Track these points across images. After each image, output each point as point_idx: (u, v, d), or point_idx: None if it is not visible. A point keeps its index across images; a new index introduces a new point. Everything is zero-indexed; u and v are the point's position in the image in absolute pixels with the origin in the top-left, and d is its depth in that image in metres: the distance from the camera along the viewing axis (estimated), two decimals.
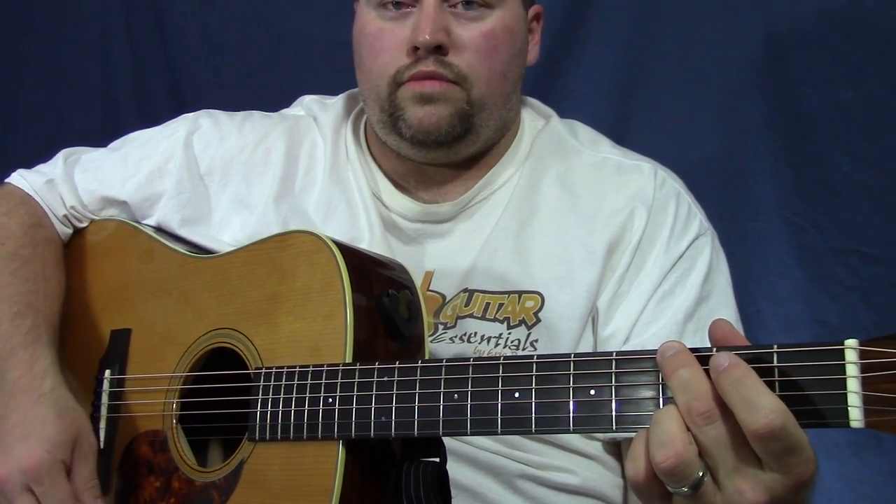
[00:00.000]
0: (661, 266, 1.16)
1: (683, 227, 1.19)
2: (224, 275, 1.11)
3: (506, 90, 1.21)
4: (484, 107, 1.19)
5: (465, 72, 1.17)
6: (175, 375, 1.11)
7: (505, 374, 0.88)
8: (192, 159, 1.30)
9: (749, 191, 2.02)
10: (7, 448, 1.05)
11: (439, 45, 1.15)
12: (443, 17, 1.15)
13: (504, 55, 1.19)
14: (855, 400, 0.74)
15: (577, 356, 0.86)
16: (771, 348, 0.78)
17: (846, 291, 1.93)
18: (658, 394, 0.82)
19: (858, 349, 0.74)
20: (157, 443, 1.10)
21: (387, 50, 1.18)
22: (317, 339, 0.99)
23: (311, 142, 1.32)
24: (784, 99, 1.97)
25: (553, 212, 1.21)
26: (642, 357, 0.84)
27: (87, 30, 2.43)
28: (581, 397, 0.85)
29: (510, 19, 1.19)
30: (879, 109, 1.88)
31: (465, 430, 0.90)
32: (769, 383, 0.76)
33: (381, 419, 0.92)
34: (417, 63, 1.16)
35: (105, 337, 1.19)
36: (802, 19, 1.94)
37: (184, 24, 2.37)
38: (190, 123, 1.35)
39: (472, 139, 1.21)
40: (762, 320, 2.00)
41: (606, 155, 1.27)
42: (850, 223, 1.92)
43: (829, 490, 1.92)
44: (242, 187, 1.28)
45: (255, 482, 0.99)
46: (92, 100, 2.44)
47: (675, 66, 2.06)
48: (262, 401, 1.00)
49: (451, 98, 1.17)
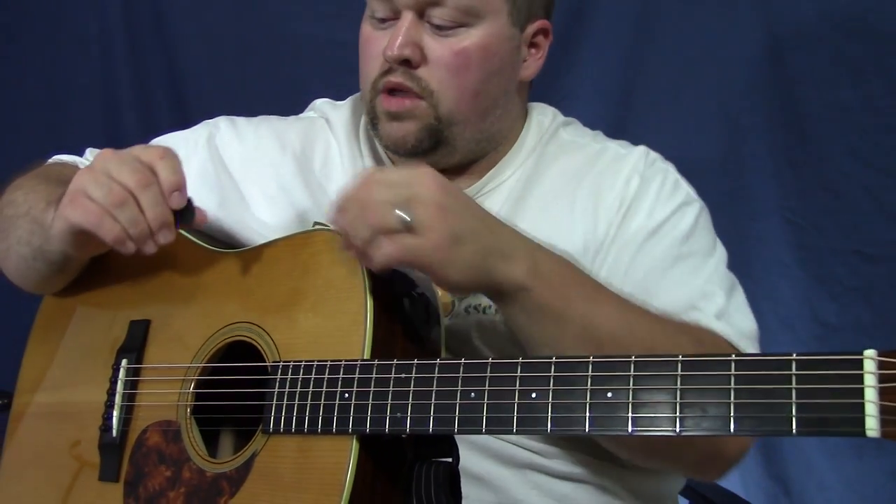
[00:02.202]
0: (645, 229, 1.18)
1: (668, 196, 1.21)
2: (245, 269, 1.12)
3: (480, 106, 1.22)
4: (454, 122, 1.20)
5: (433, 87, 1.18)
6: (191, 367, 1.11)
7: (523, 373, 0.88)
8: (216, 156, 1.32)
9: (749, 191, 2.02)
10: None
11: (407, 59, 1.17)
12: (415, 33, 1.17)
13: (476, 73, 1.19)
14: (872, 409, 0.74)
15: (595, 358, 0.87)
16: (790, 356, 0.78)
17: (846, 291, 1.94)
18: (675, 398, 0.82)
19: (877, 360, 0.74)
20: (169, 433, 1.10)
21: (371, 58, 1.21)
22: (336, 336, 0.99)
23: (325, 141, 1.33)
24: (784, 99, 1.98)
25: (554, 197, 1.23)
26: (661, 360, 0.84)
27: (87, 30, 2.43)
28: (598, 399, 0.84)
29: (489, 38, 1.19)
30: (879, 109, 1.89)
31: (479, 428, 0.89)
32: (786, 391, 0.77)
33: (397, 415, 0.92)
34: (388, 74, 1.19)
35: (124, 326, 1.20)
36: (802, 19, 1.94)
37: (184, 25, 2.37)
38: (211, 127, 1.37)
39: (447, 151, 1.22)
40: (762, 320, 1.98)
41: (605, 143, 1.29)
42: (850, 223, 1.93)
43: (829, 490, 1.93)
44: (264, 181, 1.30)
45: (267, 474, 1.00)
46: (92, 100, 2.44)
47: (675, 66, 2.06)
48: (279, 393, 1.00)
49: (418, 115, 1.19)
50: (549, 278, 1.00)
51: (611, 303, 1.03)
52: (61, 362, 1.25)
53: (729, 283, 1.17)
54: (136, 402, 1.15)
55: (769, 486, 2.01)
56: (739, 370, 0.80)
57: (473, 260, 0.97)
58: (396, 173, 1.01)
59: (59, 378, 1.25)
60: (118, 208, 1.02)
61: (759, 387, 0.79)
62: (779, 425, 0.78)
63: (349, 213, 0.98)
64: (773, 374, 0.77)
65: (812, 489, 1.97)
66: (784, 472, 2.00)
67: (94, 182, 1.03)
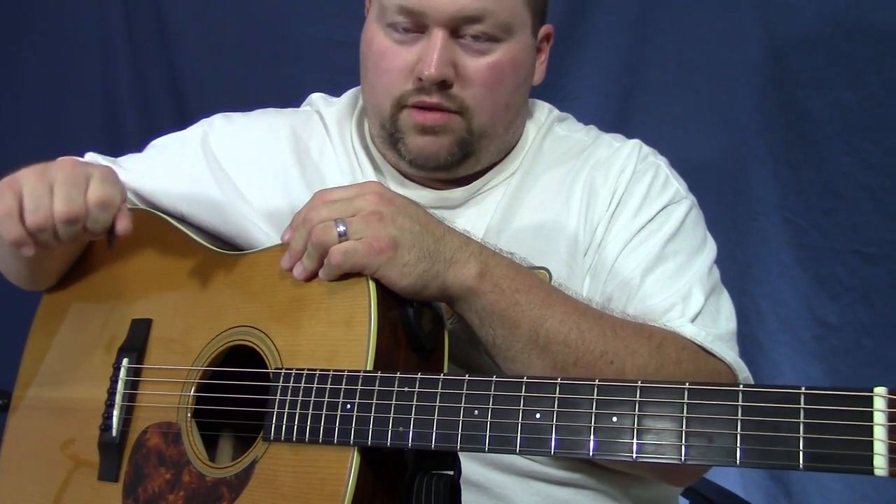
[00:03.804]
0: (630, 228, 1.17)
1: (657, 194, 1.21)
2: (249, 273, 1.12)
3: (508, 118, 1.22)
4: (484, 135, 1.20)
5: (469, 104, 1.17)
6: (193, 369, 1.11)
7: (527, 393, 0.88)
8: (210, 154, 1.32)
9: (749, 191, 2.02)
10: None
11: (444, 80, 1.16)
12: (450, 51, 1.15)
13: (509, 87, 1.19)
14: (881, 448, 0.73)
15: (601, 381, 0.86)
16: (799, 389, 0.78)
17: (846, 291, 1.94)
18: (680, 426, 0.81)
19: (887, 398, 0.74)
20: (170, 435, 1.10)
21: (392, 72, 1.18)
22: (338, 344, 0.99)
23: (320, 137, 1.33)
24: (784, 99, 1.98)
25: (549, 192, 1.23)
26: (668, 387, 0.83)
27: (87, 30, 2.43)
28: (603, 423, 0.84)
29: (518, 51, 1.19)
30: (879, 109, 1.89)
31: (482, 446, 0.89)
32: (794, 424, 0.77)
33: (399, 429, 0.92)
34: (421, 93, 1.17)
35: (125, 325, 1.20)
36: (802, 19, 1.94)
37: (184, 25, 2.37)
38: (206, 125, 1.37)
39: (472, 163, 1.23)
40: (762, 320, 2.01)
41: (599, 137, 1.29)
42: (850, 223, 1.93)
43: (829, 490, 1.93)
44: (261, 175, 1.30)
45: (267, 482, 0.99)
46: (92, 100, 2.43)
47: (675, 66, 2.06)
48: (280, 401, 0.99)
49: (452, 129, 1.18)
50: (500, 283, 1.02)
51: (564, 308, 1.04)
52: (61, 358, 1.25)
53: (711, 283, 1.16)
54: (136, 402, 1.15)
55: (769, 486, 2.01)
56: (747, 401, 0.80)
57: (417, 264, 1.00)
58: (340, 191, 1.05)
59: (59, 373, 1.25)
60: (34, 229, 1.03)
61: (767, 419, 0.78)
62: (786, 459, 0.77)
63: (298, 232, 1.04)
64: (781, 407, 0.77)
65: (812, 489, 1.97)
66: (784, 472, 2.00)
67: (31, 190, 1.04)
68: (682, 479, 1.18)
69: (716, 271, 1.19)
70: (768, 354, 2.00)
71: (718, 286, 1.18)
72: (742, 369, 1.10)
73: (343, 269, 1.00)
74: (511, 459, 1.12)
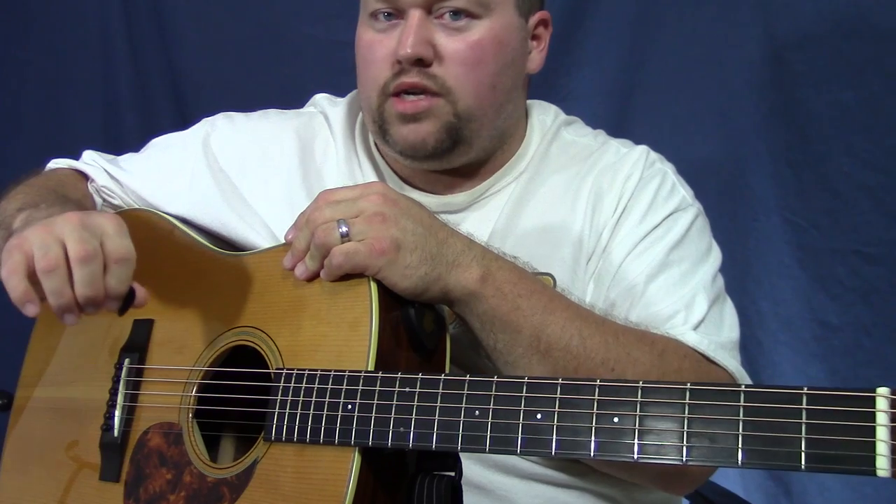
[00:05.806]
0: (635, 234, 1.17)
1: (664, 200, 1.20)
2: (251, 273, 1.12)
3: (497, 100, 1.21)
4: (472, 118, 1.18)
5: (450, 84, 1.16)
6: (194, 369, 1.11)
7: (528, 394, 0.88)
8: (211, 156, 1.32)
9: (749, 191, 2.02)
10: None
11: (421, 58, 1.15)
12: (426, 30, 1.15)
13: (492, 66, 1.18)
14: (883, 449, 0.73)
15: (602, 381, 0.86)
16: (800, 390, 0.78)
17: (846, 291, 1.94)
18: (682, 427, 0.82)
19: (889, 398, 0.74)
20: (171, 435, 1.10)
21: (376, 62, 1.19)
22: (340, 344, 0.99)
23: (324, 139, 1.33)
24: (784, 99, 1.97)
25: (555, 196, 1.22)
26: (669, 388, 0.83)
27: (87, 30, 2.43)
28: (604, 423, 0.84)
29: (500, 29, 1.18)
30: (879, 109, 1.89)
31: (483, 447, 0.89)
32: (796, 425, 0.77)
33: (400, 429, 0.92)
34: (401, 75, 1.16)
35: (127, 325, 1.20)
36: (802, 19, 1.94)
37: (184, 24, 2.37)
38: (208, 126, 1.37)
39: (464, 149, 1.21)
40: (762, 320, 2.01)
41: (607, 143, 1.29)
42: (850, 223, 1.93)
43: (829, 490, 1.93)
44: (263, 175, 1.29)
45: (268, 482, 0.99)
46: (92, 100, 2.43)
47: (675, 66, 2.06)
48: (282, 401, 0.99)
49: (436, 113, 1.17)
50: (501, 287, 1.02)
51: (566, 314, 1.04)
52: (63, 357, 1.26)
53: (715, 291, 1.16)
54: (137, 402, 1.15)
55: (769, 486, 2.01)
56: (749, 402, 0.80)
57: (419, 266, 1.00)
58: (345, 191, 1.05)
59: (61, 373, 1.25)
60: (45, 273, 0.96)
61: (769, 420, 0.78)
62: (788, 460, 0.77)
63: (301, 232, 1.04)
64: (783, 408, 0.77)
65: (812, 490, 1.97)
66: (785, 472, 2.00)
67: (41, 240, 0.97)
68: (683, 486, 1.18)
69: (720, 279, 1.19)
70: (768, 354, 2.00)
71: (722, 294, 1.18)
72: (744, 378, 1.10)
73: (344, 269, 1.00)
74: (514, 461, 1.12)
